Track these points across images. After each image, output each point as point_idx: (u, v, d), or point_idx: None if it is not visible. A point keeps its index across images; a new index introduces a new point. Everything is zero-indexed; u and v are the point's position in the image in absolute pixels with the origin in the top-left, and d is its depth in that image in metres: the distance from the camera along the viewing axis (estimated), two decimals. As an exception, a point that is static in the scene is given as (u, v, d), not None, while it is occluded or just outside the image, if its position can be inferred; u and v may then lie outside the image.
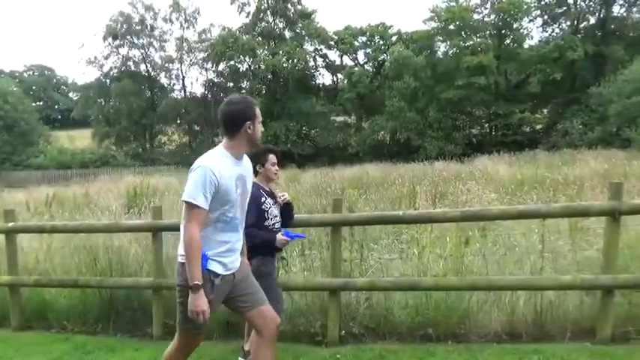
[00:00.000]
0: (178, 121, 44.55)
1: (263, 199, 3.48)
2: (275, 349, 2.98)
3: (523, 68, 36.12)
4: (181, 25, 44.75)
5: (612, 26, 35.47)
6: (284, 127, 36.69)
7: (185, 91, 45.60)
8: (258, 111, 2.82)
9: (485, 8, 37.47)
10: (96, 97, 44.73)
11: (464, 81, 34.16)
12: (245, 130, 2.74)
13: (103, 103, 44.36)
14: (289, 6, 41.26)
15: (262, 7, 41.09)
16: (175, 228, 4.87)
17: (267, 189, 3.58)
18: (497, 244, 4.97)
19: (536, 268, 4.19)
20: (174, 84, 46.00)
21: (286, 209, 3.69)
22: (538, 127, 36.28)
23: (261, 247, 3.42)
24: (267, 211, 3.49)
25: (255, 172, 3.47)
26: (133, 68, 44.45)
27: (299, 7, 41.76)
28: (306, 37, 41.76)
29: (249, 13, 41.77)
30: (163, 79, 46.11)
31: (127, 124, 41.96)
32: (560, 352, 3.57)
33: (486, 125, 37.48)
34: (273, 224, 3.54)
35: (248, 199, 2.94)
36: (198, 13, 44.89)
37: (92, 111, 44.03)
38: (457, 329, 4.01)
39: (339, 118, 42.60)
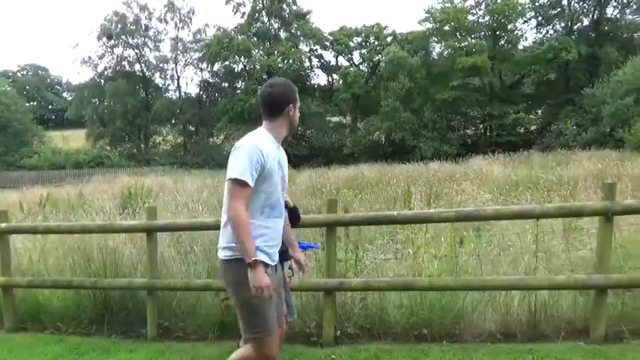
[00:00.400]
0: (173, 122, 44.46)
1: None
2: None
3: (517, 69, 36.31)
4: (176, 25, 44.69)
5: (606, 28, 35.70)
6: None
7: (180, 92, 45.61)
8: (297, 96, 2.78)
9: (480, 9, 37.65)
10: (90, 97, 44.56)
11: (459, 82, 34.30)
12: (287, 113, 2.71)
13: (98, 103, 44.18)
14: (284, 6, 41.28)
15: (257, 8, 41.10)
16: (170, 228, 4.88)
17: None
18: (492, 244, 4.99)
19: (530, 268, 4.21)
20: (168, 84, 45.99)
21: (292, 212, 3.47)
22: (532, 127, 36.48)
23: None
24: None
25: None
26: (127, 68, 44.32)
27: (294, 7, 41.80)
28: (302, 38, 41.79)
29: (244, 14, 41.79)
30: (158, 80, 46.09)
31: (122, 124, 41.81)
32: (554, 351, 3.59)
33: (481, 126, 37.63)
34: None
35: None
36: (193, 13, 44.97)
37: (86, 111, 43.83)
38: (452, 329, 4.03)
39: (335, 119, 42.64)
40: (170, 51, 45.06)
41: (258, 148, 2.53)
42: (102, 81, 44.01)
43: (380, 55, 39.75)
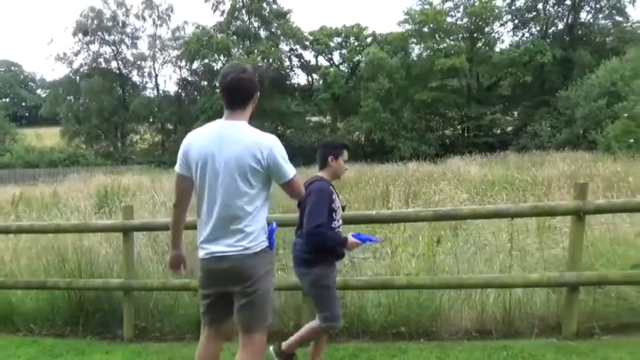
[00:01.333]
0: (151, 120, 43.89)
1: (334, 195, 3.13)
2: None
3: (494, 71, 36.95)
4: (154, 23, 44.17)
5: (579, 32, 36.61)
6: (259, 127, 36.34)
7: (158, 90, 45.06)
8: None
9: (458, 11, 38.20)
10: (65, 94, 43.69)
11: (437, 83, 34.73)
12: (254, 102, 2.59)
13: (73, 101, 43.32)
14: (264, 5, 41.16)
15: (237, 6, 40.88)
16: (147, 228, 4.81)
17: (332, 184, 3.25)
18: (468, 243, 5.07)
19: (505, 267, 4.29)
20: (146, 82, 45.44)
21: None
22: (509, 128, 37.16)
23: (327, 252, 3.09)
24: (336, 211, 3.12)
25: (324, 164, 3.24)
26: (103, 65, 43.60)
27: (274, 6, 41.70)
28: (282, 37, 41.72)
29: (223, 12, 41.55)
30: (135, 77, 45.50)
31: (98, 122, 41.11)
32: (528, 347, 3.66)
33: (459, 127, 38.16)
34: (338, 227, 3.17)
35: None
36: (171, 11, 44.45)
37: (61, 108, 42.94)
38: (429, 327, 4.08)
39: (315, 118, 42.70)
40: (148, 48, 44.61)
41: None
42: (77, 78, 43.18)
43: (360, 56, 39.96)
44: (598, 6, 36.31)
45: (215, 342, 2.66)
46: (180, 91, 44.65)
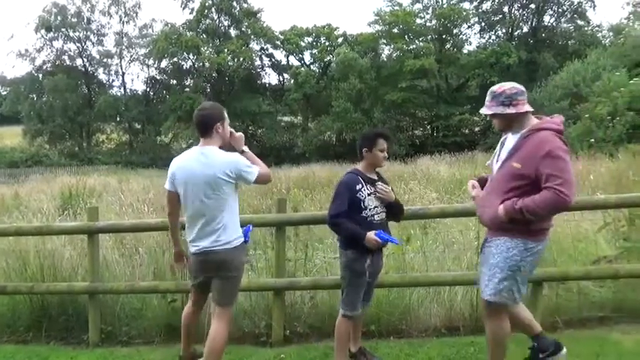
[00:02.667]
0: (118, 119, 42.85)
1: (359, 186, 3.21)
2: None
3: (462, 72, 37.67)
4: (121, 19, 43.11)
5: (543, 35, 37.72)
6: (231, 127, 36.10)
7: (125, 88, 44.06)
8: (225, 115, 3.31)
9: (427, 13, 38.79)
10: (27, 92, 42.12)
11: (407, 83, 35.13)
12: (216, 130, 3.21)
13: (35, 99, 41.82)
14: (234, 4, 40.79)
15: (207, 4, 40.38)
16: (113, 230, 4.71)
17: (370, 176, 3.31)
18: (437, 241, 5.15)
19: (472, 264, 4.38)
20: (113, 80, 44.34)
21: (392, 204, 3.36)
22: (476, 129, 37.92)
23: (352, 239, 3.20)
24: (363, 201, 3.20)
25: (361, 157, 3.32)
26: (68, 62, 42.32)
27: (245, 5, 41.38)
28: (252, 36, 41.42)
29: (192, 10, 40.96)
30: (101, 75, 44.34)
31: (62, 121, 39.91)
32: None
33: (428, 127, 38.76)
34: (372, 216, 3.22)
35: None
36: (138, 8, 43.45)
37: (23, 107, 41.44)
38: (399, 325, 4.12)
39: (286, 118, 42.60)
40: (114, 46, 43.49)
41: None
42: (40, 75, 41.79)
43: (331, 56, 40.08)
44: (560, 10, 37.50)
45: (200, 303, 3.48)
46: (148, 89, 43.81)
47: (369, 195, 3.23)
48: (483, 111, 2.99)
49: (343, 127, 35.73)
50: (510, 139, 2.95)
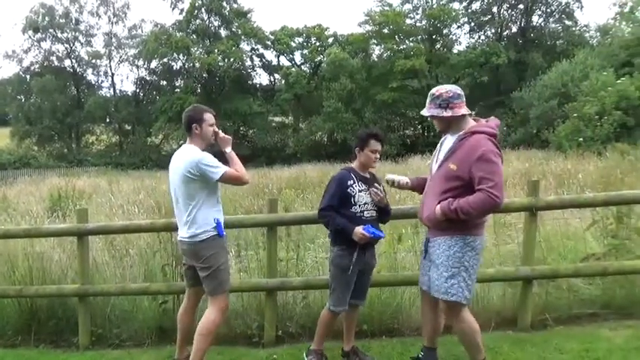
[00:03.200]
0: (107, 120, 42.56)
1: (350, 181, 3.29)
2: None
3: (452, 72, 37.81)
4: (110, 20, 42.87)
5: (532, 35, 38.02)
6: (220, 128, 35.23)
7: (114, 89, 43.74)
8: (205, 116, 3.40)
9: (417, 14, 38.94)
10: (15, 93, 41.74)
11: (397, 83, 35.23)
12: (194, 130, 3.38)
13: (23, 100, 41.42)
14: (224, 4, 40.66)
15: (196, 4, 40.20)
16: (102, 231, 4.67)
17: (363, 174, 3.39)
18: (428, 240, 5.15)
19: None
20: (102, 81, 44.02)
21: (382, 208, 3.41)
22: (467, 128, 38.10)
23: (340, 234, 3.27)
24: (353, 196, 3.26)
25: (353, 156, 3.41)
26: (56, 63, 41.95)
27: (235, 5, 41.27)
28: (243, 37, 41.31)
29: (182, 10, 40.79)
30: (90, 76, 44.02)
31: (51, 122, 39.53)
32: (486, 340, 3.73)
33: (419, 126, 38.87)
34: (362, 212, 3.28)
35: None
36: (127, 8, 43.29)
37: (10, 108, 41.04)
38: (391, 324, 4.14)
39: (277, 119, 42.52)
40: (103, 46, 43.17)
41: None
42: (28, 76, 41.40)
43: (321, 56, 40.08)
44: (549, 10, 37.82)
45: (192, 299, 3.60)
46: (138, 90, 43.53)
47: (359, 192, 3.30)
48: (424, 112, 3.10)
49: (334, 127, 35.75)
50: (448, 141, 3.07)
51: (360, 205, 3.28)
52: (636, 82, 21.31)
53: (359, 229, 3.17)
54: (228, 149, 3.46)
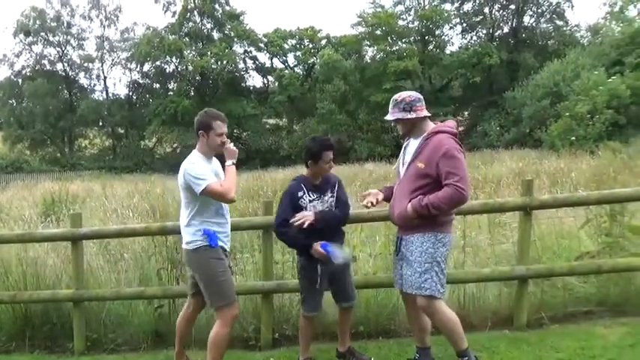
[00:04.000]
0: (100, 124, 42.33)
1: (300, 193, 3.29)
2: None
3: (445, 73, 37.94)
4: (102, 23, 42.63)
5: (523, 35, 38.20)
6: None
7: (107, 93, 43.45)
8: (213, 123, 3.33)
9: (410, 15, 39.01)
10: (6, 97, 41.41)
11: (391, 85, 35.20)
12: (201, 137, 3.36)
13: (15, 104, 41.12)
14: (217, 6, 40.56)
15: (189, 7, 40.07)
16: (97, 236, 4.64)
17: (314, 182, 3.35)
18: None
19: (459, 263, 4.41)
20: (94, 85, 43.72)
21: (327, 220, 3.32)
22: (460, 128, 38.19)
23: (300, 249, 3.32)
24: (305, 207, 3.27)
25: (306, 165, 3.38)
26: (48, 67, 41.68)
27: (227, 7, 41.17)
28: (235, 39, 41.22)
29: (175, 13, 40.61)
30: (83, 80, 43.71)
31: (43, 126, 39.23)
32: (482, 340, 3.78)
33: (413, 128, 38.87)
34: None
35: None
36: (119, 11, 43.03)
37: (2, 113, 40.71)
38: (387, 325, 4.14)
39: (271, 121, 42.44)
40: (95, 50, 42.95)
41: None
42: (19, 80, 41.09)
43: (315, 58, 40.08)
44: (540, 10, 38.02)
45: (192, 307, 3.54)
46: (131, 93, 43.31)
47: (310, 202, 3.30)
48: (387, 117, 3.26)
49: (328, 129, 35.68)
50: (412, 144, 3.24)
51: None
52: (627, 81, 21.49)
53: (317, 248, 3.16)
54: (230, 162, 3.35)
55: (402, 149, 3.36)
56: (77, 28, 42.60)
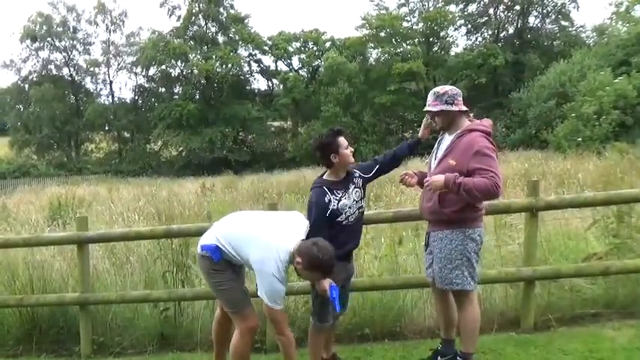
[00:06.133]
0: (107, 128, 42.56)
1: (327, 197, 3.15)
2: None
3: (450, 74, 37.81)
4: (107, 28, 42.88)
5: (529, 36, 38.12)
6: (219, 133, 36.13)
7: (113, 97, 43.69)
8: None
9: (414, 17, 39.04)
10: (13, 102, 41.79)
11: (395, 86, 35.26)
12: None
13: (22, 110, 41.46)
14: (221, 10, 40.74)
15: (193, 11, 40.28)
16: (102, 239, 4.66)
17: (337, 179, 3.25)
18: (429, 242, 5.14)
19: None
20: (100, 89, 43.95)
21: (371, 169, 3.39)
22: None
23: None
24: (337, 209, 3.16)
25: (330, 164, 3.23)
26: (54, 72, 41.96)
27: (232, 11, 41.34)
28: (240, 42, 41.37)
29: (179, 17, 40.84)
30: (89, 84, 43.98)
31: (49, 131, 39.51)
32: (488, 342, 3.75)
33: (418, 129, 38.82)
34: (348, 218, 3.19)
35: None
36: (125, 16, 43.25)
37: (9, 118, 41.05)
38: (393, 327, 4.12)
39: (276, 124, 42.53)
40: (101, 54, 43.20)
41: None
42: (26, 86, 41.39)
43: (319, 61, 40.14)
44: (545, 11, 37.91)
45: (219, 308, 3.47)
46: (136, 98, 43.52)
47: (339, 201, 3.18)
48: (429, 109, 3.23)
49: (333, 132, 35.78)
50: (446, 140, 3.24)
51: (345, 213, 3.19)
52: (634, 81, 21.33)
53: (325, 286, 3.00)
54: None
55: (436, 144, 3.37)
56: (83, 33, 42.97)
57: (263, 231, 3.04)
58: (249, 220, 3.24)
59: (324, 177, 3.30)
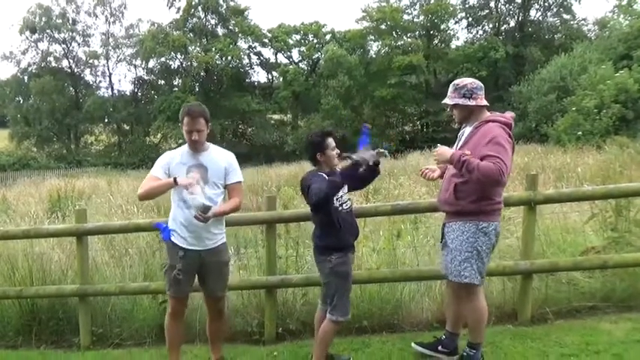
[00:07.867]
0: (106, 120, 42.52)
1: (322, 177, 3.24)
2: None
3: (451, 67, 37.76)
4: (107, 20, 42.77)
5: (530, 29, 37.97)
6: (219, 126, 36.06)
7: (112, 89, 43.65)
8: (182, 118, 3.29)
9: (415, 9, 38.89)
10: (13, 94, 41.71)
11: (396, 79, 35.18)
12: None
13: (22, 102, 41.42)
14: (221, 2, 40.55)
15: (193, 3, 40.10)
16: (101, 231, 4.67)
17: (330, 173, 3.29)
18: (428, 235, 5.17)
19: (463, 257, 4.39)
20: (100, 81, 43.92)
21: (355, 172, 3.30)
22: (466, 123, 38.07)
23: (342, 243, 3.23)
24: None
25: (316, 162, 3.32)
26: (54, 64, 41.88)
27: (231, 3, 41.18)
28: (240, 35, 41.23)
29: (179, 9, 40.71)
30: (88, 76, 43.93)
31: (49, 123, 39.54)
32: (486, 335, 3.76)
33: (418, 122, 38.85)
34: (341, 205, 3.28)
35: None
36: (124, 8, 43.16)
37: (8, 110, 40.97)
38: (391, 320, 4.13)
39: (276, 116, 42.50)
40: (101, 46, 43.07)
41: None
42: (26, 77, 41.34)
43: (319, 53, 40.02)
44: (546, 4, 37.75)
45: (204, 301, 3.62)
46: (136, 90, 43.47)
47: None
48: (446, 101, 3.20)
49: (333, 125, 35.72)
50: (467, 132, 3.19)
51: (338, 200, 3.26)
52: (635, 75, 21.26)
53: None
54: (172, 179, 3.39)
55: (459, 135, 3.31)
56: (82, 25, 42.85)
57: None
58: None
59: (319, 172, 3.36)
